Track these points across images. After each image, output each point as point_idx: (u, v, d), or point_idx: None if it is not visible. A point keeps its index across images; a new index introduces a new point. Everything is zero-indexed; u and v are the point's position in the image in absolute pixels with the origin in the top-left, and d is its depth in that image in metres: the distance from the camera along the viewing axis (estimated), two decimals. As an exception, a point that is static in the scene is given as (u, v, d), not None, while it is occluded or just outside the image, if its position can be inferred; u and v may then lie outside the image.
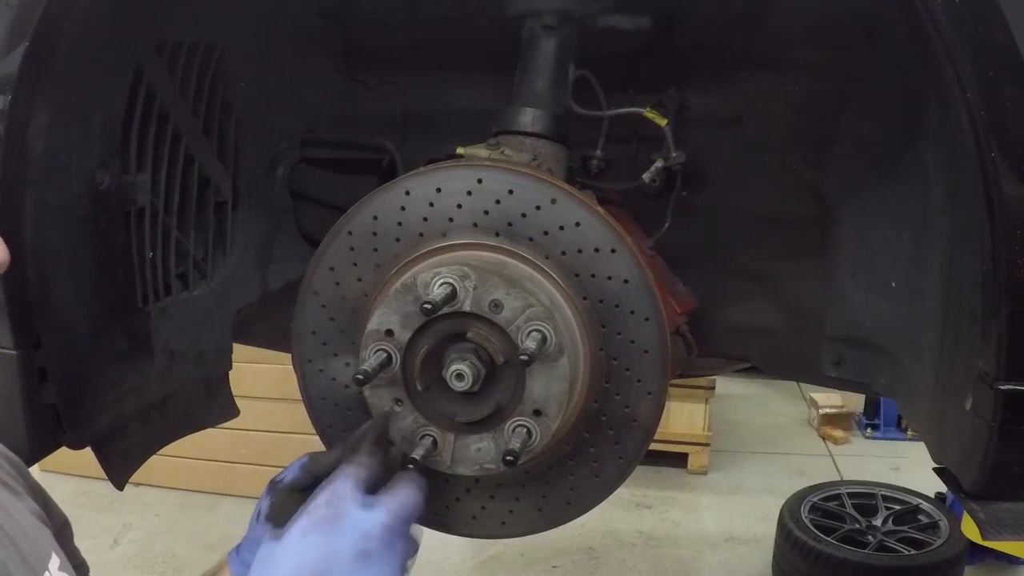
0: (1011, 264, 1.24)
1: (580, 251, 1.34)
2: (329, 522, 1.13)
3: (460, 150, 1.59)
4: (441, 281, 1.28)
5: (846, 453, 5.81)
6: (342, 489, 1.17)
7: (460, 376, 1.28)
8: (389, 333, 1.31)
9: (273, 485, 1.31)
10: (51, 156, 1.42)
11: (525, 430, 1.30)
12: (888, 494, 4.29)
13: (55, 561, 1.13)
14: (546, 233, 1.34)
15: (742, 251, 2.04)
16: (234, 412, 2.11)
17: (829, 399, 6.04)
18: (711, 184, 1.95)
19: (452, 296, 1.27)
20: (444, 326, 1.31)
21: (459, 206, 1.36)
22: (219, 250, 1.94)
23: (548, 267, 1.34)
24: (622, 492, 1.52)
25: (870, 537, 4.00)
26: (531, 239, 1.35)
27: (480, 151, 1.57)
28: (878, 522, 4.13)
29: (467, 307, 1.28)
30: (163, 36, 1.64)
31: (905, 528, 4.08)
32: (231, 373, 2.07)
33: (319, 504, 1.16)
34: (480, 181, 1.36)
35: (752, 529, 4.68)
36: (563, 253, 1.34)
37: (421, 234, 1.38)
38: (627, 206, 1.89)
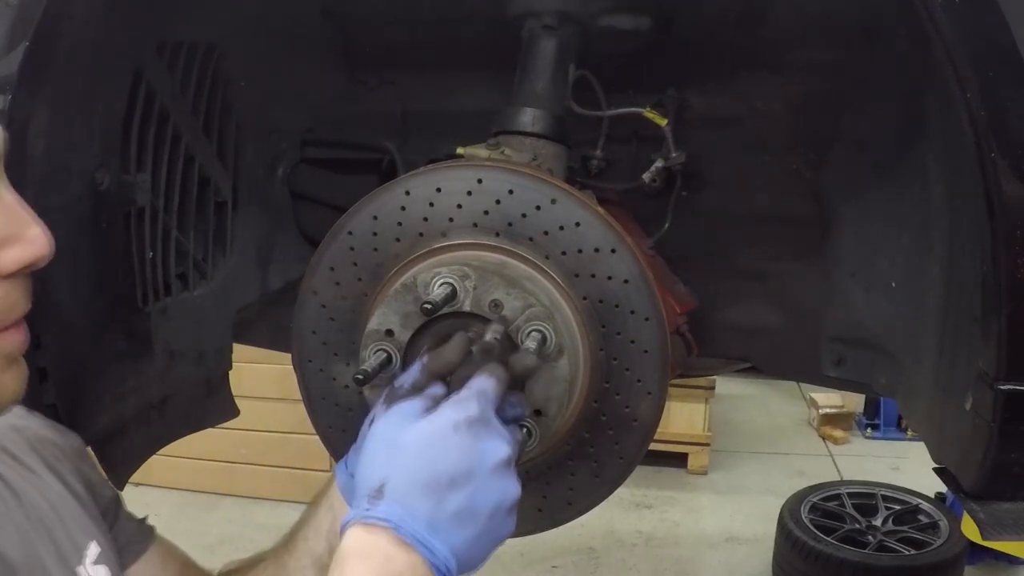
0: (1011, 264, 1.24)
1: (580, 251, 1.34)
2: (482, 424, 1.05)
3: (460, 150, 1.59)
4: (441, 281, 1.28)
5: (846, 453, 5.80)
6: (491, 392, 1.09)
7: (460, 376, 1.28)
8: (389, 333, 1.31)
9: (392, 390, 1.15)
10: (51, 156, 1.41)
11: (525, 430, 1.30)
12: (888, 494, 4.29)
13: (93, 550, 1.11)
14: (546, 233, 1.34)
15: (742, 251, 2.04)
16: (234, 412, 2.11)
17: (829, 399, 6.04)
18: (711, 184, 1.94)
19: (452, 296, 1.27)
20: (444, 326, 1.31)
21: (459, 206, 1.36)
22: (219, 250, 1.94)
23: (548, 267, 1.34)
24: (622, 492, 1.52)
25: (870, 537, 4.00)
26: (531, 239, 1.35)
27: (480, 151, 1.57)
28: (878, 522, 4.13)
29: (467, 307, 1.28)
30: (163, 36, 1.64)
31: (905, 528, 4.08)
32: (231, 373, 2.06)
33: (470, 402, 1.07)
34: (480, 181, 1.36)
35: (752, 529, 4.67)
36: (563, 253, 1.34)
37: (421, 234, 1.37)
38: (627, 206, 1.89)
